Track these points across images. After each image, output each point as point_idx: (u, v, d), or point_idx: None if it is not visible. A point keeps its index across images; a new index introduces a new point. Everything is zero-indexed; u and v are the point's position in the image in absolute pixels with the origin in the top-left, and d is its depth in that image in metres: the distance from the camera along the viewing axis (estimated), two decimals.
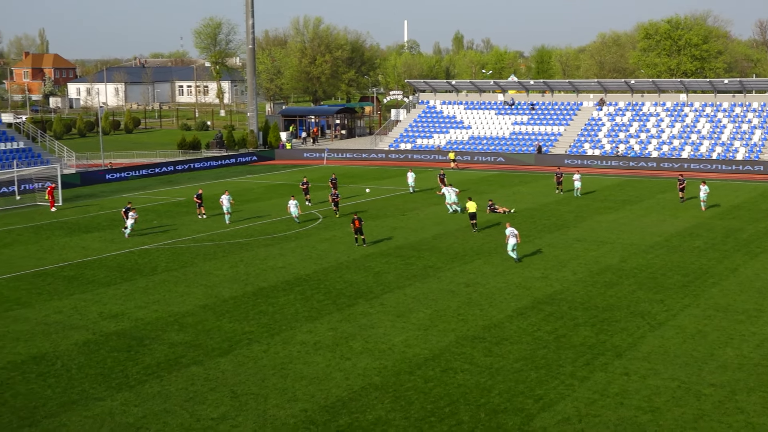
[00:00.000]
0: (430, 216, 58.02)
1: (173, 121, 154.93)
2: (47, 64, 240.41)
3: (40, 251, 48.71)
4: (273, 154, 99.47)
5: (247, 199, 66.38)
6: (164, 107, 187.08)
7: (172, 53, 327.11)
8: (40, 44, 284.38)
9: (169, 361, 29.77)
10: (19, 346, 31.71)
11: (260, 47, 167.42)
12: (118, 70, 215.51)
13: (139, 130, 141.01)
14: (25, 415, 25.39)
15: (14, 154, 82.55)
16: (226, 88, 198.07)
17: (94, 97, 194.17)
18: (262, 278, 41.47)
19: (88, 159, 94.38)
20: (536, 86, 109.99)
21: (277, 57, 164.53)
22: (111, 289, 39.78)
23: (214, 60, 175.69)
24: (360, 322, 34.02)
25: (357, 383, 27.49)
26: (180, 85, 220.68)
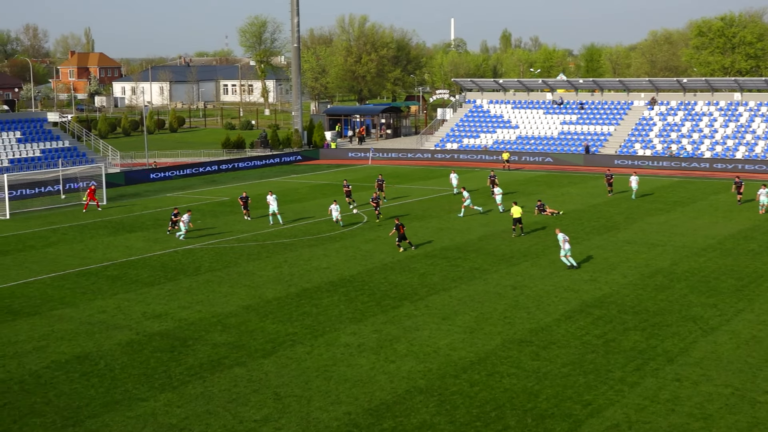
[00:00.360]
0: (476, 217, 57.80)
1: (218, 120, 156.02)
2: (93, 63, 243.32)
3: (84, 250, 49.25)
4: (317, 153, 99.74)
5: (292, 200, 66.61)
6: (209, 106, 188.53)
7: (216, 52, 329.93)
8: (85, 43, 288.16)
9: (212, 362, 29.93)
10: (63, 345, 32.07)
11: (305, 46, 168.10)
12: (163, 69, 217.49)
13: (183, 129, 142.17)
14: (69, 414, 25.66)
15: (59, 153, 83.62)
16: (270, 87, 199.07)
17: (139, 96, 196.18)
18: (306, 279, 41.56)
19: (133, 158, 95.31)
20: (585, 85, 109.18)
21: (322, 55, 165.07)
22: (155, 289, 40.11)
23: (258, 59, 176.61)
24: (404, 325, 33.96)
25: (401, 386, 27.43)
26: (225, 84, 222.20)
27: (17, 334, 33.38)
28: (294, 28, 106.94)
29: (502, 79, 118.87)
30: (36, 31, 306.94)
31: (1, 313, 36.30)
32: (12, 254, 48.43)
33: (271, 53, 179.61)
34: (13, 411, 25.95)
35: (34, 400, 26.79)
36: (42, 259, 46.94)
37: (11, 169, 77.63)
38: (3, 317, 35.73)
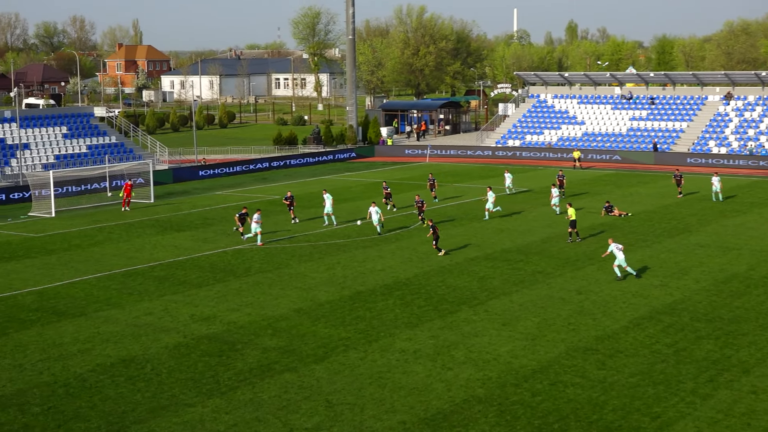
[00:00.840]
0: (538, 218, 57.49)
1: (269, 115, 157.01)
2: (141, 56, 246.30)
3: (131, 250, 49.87)
4: (372, 150, 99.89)
5: (345, 198, 66.80)
6: (260, 101, 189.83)
7: (268, 44, 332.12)
8: (133, 35, 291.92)
9: (261, 367, 30.13)
10: (108, 348, 32.50)
11: (360, 38, 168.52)
12: (212, 62, 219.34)
13: (233, 124, 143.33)
14: (114, 420, 25.99)
15: (106, 150, 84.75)
16: (324, 81, 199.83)
17: (188, 90, 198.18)
18: (359, 281, 41.66)
19: (181, 155, 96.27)
20: (656, 79, 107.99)
21: (378, 48, 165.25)
22: (203, 291, 40.47)
23: (312, 51, 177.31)
24: (463, 330, 33.88)
25: (459, 395, 27.37)
26: (276, 77, 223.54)
27: (62, 336, 33.91)
28: (349, 19, 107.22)
29: (567, 73, 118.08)
30: (83, 23, 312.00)
31: (47, 314, 36.91)
32: (57, 253, 49.22)
33: (325, 45, 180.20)
34: (58, 415, 26.36)
35: (79, 404, 27.19)
36: (88, 259, 47.63)
37: (57, 165, 78.86)
38: (48, 318, 36.32)
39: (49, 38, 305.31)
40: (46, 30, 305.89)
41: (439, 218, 56.65)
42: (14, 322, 35.82)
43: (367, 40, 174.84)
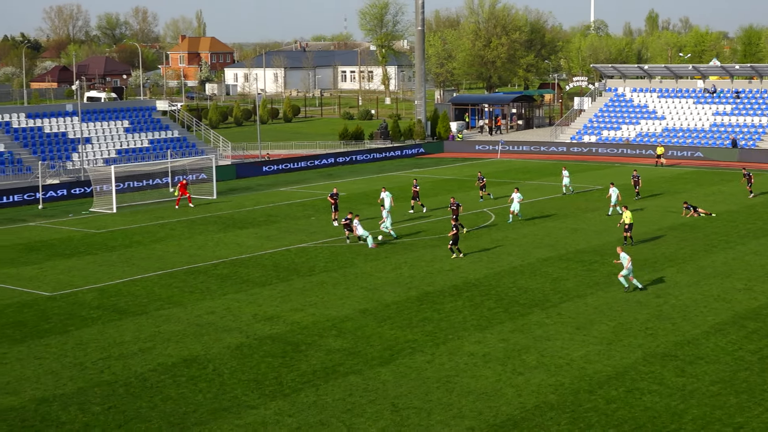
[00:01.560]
0: (615, 218, 56.97)
1: (335, 109, 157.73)
2: (204, 48, 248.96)
3: (193, 247, 50.50)
4: (441, 146, 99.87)
5: (411, 196, 66.76)
6: (325, 94, 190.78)
7: (335, 36, 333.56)
8: (197, 27, 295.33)
9: (325, 369, 30.34)
10: (170, 347, 32.98)
11: (430, 29, 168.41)
12: (277, 54, 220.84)
13: (298, 118, 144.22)
14: (175, 420, 26.39)
15: (168, 144, 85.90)
16: (392, 74, 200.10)
17: (252, 83, 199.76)
18: (427, 282, 41.72)
19: (245, 150, 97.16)
20: (742, 71, 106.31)
21: (449, 39, 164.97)
22: (266, 290, 40.85)
23: (379, 43, 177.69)
24: (535, 334, 33.77)
25: (530, 401, 27.30)
26: (343, 70, 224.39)
27: (123, 335, 34.49)
28: (418, 9, 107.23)
29: (647, 65, 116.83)
30: (146, 15, 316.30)
31: (107, 312, 37.57)
32: (119, 250, 50.03)
33: (393, 37, 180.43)
34: (118, 415, 26.83)
35: (140, 404, 27.65)
36: (149, 256, 48.34)
37: (118, 160, 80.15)
38: (109, 316, 36.97)
39: (111, 30, 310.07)
40: (109, 22, 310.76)
41: (502, 218, 56.47)
42: (75, 320, 36.53)
43: (437, 31, 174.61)
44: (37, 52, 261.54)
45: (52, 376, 30.10)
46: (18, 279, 43.59)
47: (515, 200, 55.38)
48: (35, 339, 34.14)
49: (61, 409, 27.30)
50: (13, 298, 40.12)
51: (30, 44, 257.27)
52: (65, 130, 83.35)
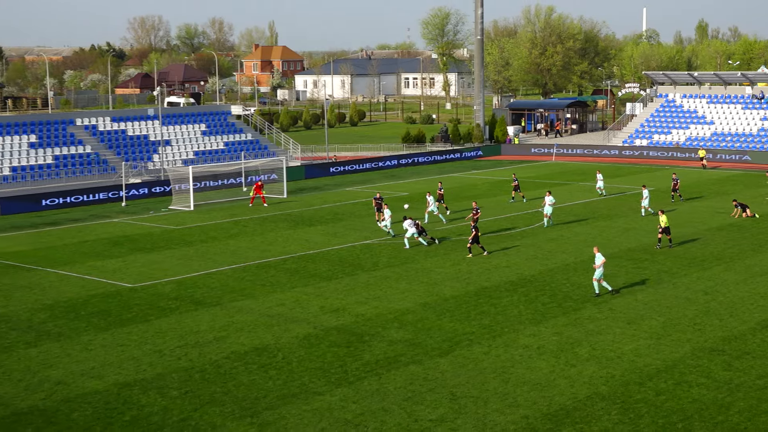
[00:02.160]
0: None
1: (398, 114, 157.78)
2: (276, 57, 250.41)
3: (264, 243, 50.83)
4: (499, 149, 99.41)
5: (471, 196, 66.62)
6: (389, 100, 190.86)
7: (398, 45, 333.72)
8: (269, 36, 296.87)
9: (388, 359, 30.36)
10: (242, 336, 33.24)
11: (489, 38, 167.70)
12: (344, 62, 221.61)
13: (363, 122, 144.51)
14: (247, 405, 26.59)
15: (242, 146, 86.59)
16: (452, 81, 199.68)
17: (321, 89, 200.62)
18: (484, 277, 41.56)
19: (313, 152, 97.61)
20: None
21: (506, 48, 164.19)
22: (332, 284, 40.99)
23: (441, 51, 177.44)
24: (587, 328, 33.49)
25: (582, 392, 27.07)
26: (406, 77, 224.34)
27: (199, 324, 34.83)
28: (477, 19, 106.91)
29: (697, 72, 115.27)
30: (222, 25, 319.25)
31: (185, 303, 37.96)
32: (196, 245, 50.52)
33: (454, 45, 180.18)
34: (194, 399, 27.10)
35: (214, 389, 27.90)
36: (224, 251, 48.75)
37: (196, 161, 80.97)
38: (186, 307, 37.35)
39: (189, 39, 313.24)
40: (188, 32, 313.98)
41: (563, 217, 56.04)
42: (155, 310, 36.96)
43: (495, 40, 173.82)
44: (121, 60, 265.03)
45: (133, 362, 30.49)
46: (103, 271, 44.24)
47: (547, 203, 53.46)
48: (118, 327, 34.62)
49: (142, 393, 27.65)
50: (98, 288, 40.73)
51: (115, 53, 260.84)
52: (147, 133, 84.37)
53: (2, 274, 43.86)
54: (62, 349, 32.01)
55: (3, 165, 72.58)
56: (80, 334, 33.77)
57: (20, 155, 74.58)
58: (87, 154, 77.78)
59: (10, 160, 73.56)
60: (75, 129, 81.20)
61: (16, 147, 75.30)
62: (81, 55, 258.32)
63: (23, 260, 47.07)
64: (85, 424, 25.46)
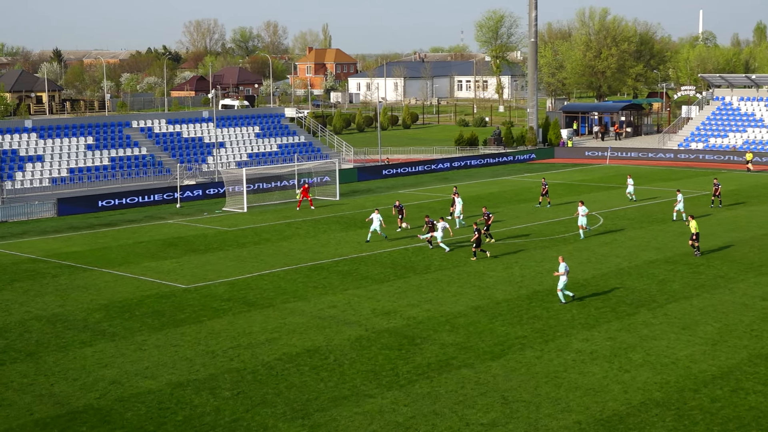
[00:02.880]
0: (722, 221, 55.51)
1: (451, 116, 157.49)
2: (329, 59, 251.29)
3: (317, 245, 50.96)
4: (552, 152, 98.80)
5: (524, 199, 66.30)
6: (442, 102, 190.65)
7: (452, 47, 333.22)
8: (323, 39, 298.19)
9: (439, 362, 30.25)
10: (294, 338, 33.32)
11: (542, 40, 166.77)
12: (397, 65, 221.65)
13: (416, 125, 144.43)
14: (298, 407, 26.63)
15: (295, 149, 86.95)
16: (505, 83, 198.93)
17: (374, 92, 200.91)
18: (537, 281, 41.28)
19: (366, 154, 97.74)
20: None
21: (560, 50, 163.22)
22: (384, 286, 40.96)
23: (494, 54, 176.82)
24: (641, 333, 33.10)
25: (636, 398, 26.75)
26: (459, 80, 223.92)
27: (251, 325, 34.99)
28: (531, 22, 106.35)
29: (754, 75, 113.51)
30: (276, 28, 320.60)
31: (238, 304, 38.16)
32: (248, 247, 50.79)
33: (507, 48, 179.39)
34: (246, 400, 27.21)
35: (266, 390, 27.99)
36: (276, 253, 48.95)
37: (249, 163, 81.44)
38: (239, 308, 37.55)
39: (244, 42, 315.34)
40: (242, 35, 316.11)
41: (616, 221, 55.48)
42: (208, 311, 37.21)
43: (549, 42, 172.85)
44: (177, 63, 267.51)
45: (186, 363, 30.71)
46: (157, 272, 44.65)
47: (580, 214, 50.94)
48: (172, 328, 34.90)
49: (194, 393, 27.82)
50: (152, 289, 41.11)
51: (171, 56, 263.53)
52: (201, 135, 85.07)
53: (59, 274, 44.47)
54: (117, 349, 32.34)
55: (60, 166, 73.62)
56: (134, 334, 34.10)
57: (77, 157, 75.60)
58: (142, 155, 78.62)
59: (68, 161, 74.58)
60: (131, 131, 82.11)
61: (73, 149, 76.34)
62: (137, 59, 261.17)
63: (80, 260, 47.69)
64: (138, 423, 25.68)
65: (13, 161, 72.11)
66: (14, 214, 62.49)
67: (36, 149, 74.73)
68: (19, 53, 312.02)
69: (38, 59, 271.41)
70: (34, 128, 77.25)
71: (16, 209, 62.84)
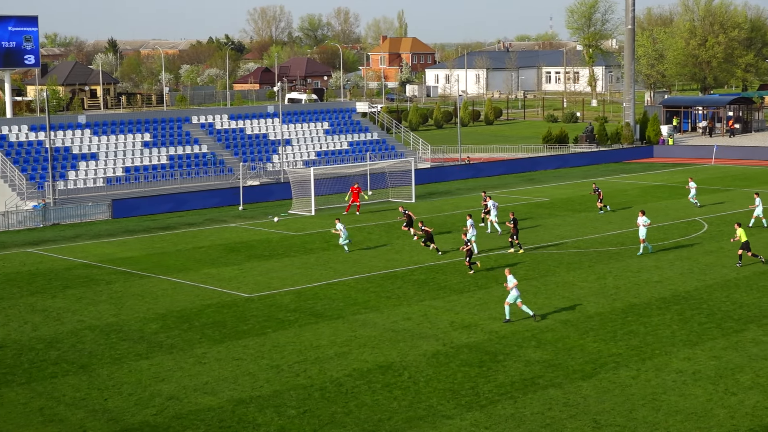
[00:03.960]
0: None
1: (538, 111, 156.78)
2: (405, 49, 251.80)
3: (390, 252, 51.11)
4: (651, 151, 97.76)
5: (620, 202, 65.71)
6: (529, 96, 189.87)
7: (539, 36, 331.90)
8: (398, 28, 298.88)
9: (524, 381, 30.16)
10: (365, 352, 33.48)
11: (641, 27, 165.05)
12: (479, 55, 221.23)
13: (500, 121, 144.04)
14: (370, 428, 26.75)
15: (367, 146, 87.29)
16: (599, 75, 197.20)
17: (453, 84, 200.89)
18: (633, 293, 40.90)
19: (444, 153, 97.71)
20: None
21: (660, 38, 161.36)
22: (464, 297, 40.94)
23: (586, 43, 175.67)
24: (750, 352, 32.61)
25: (744, 424, 26.38)
26: (547, 71, 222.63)
27: (319, 338, 35.25)
28: (629, 7, 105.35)
29: None
30: (347, 15, 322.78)
31: (305, 315, 38.48)
32: (316, 253, 51.16)
33: (601, 36, 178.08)
34: (313, 419, 27.43)
35: (335, 409, 28.18)
36: (346, 259, 49.22)
37: (318, 162, 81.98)
38: (306, 319, 37.85)
39: (312, 31, 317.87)
40: (311, 23, 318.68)
41: (723, 227, 54.68)
42: (272, 322, 37.58)
43: (648, 29, 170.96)
44: (240, 53, 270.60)
45: (249, 378, 31.06)
46: (218, 279, 45.23)
47: (641, 225, 48.41)
48: (234, 340, 35.32)
49: (258, 411, 28.13)
50: (213, 298, 41.65)
51: (234, 46, 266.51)
52: (266, 132, 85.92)
53: (114, 281, 45.30)
54: (175, 362, 32.84)
55: (116, 165, 74.94)
56: (194, 347, 34.60)
57: (134, 155, 76.88)
58: (203, 153, 79.67)
59: (123, 160, 75.84)
60: (191, 127, 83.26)
61: (129, 146, 77.65)
62: (198, 49, 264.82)
63: (135, 266, 48.52)
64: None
65: (65, 159, 73.65)
66: (67, 216, 63.89)
67: (90, 146, 76.24)
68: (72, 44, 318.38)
69: (92, 50, 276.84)
70: (88, 124, 78.82)
71: (68, 211, 64.24)
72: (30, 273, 47.55)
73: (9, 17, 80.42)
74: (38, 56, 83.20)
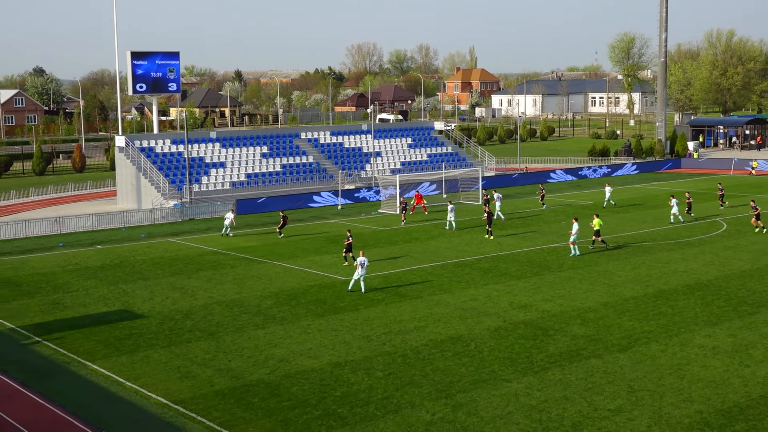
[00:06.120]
0: None
1: (584, 130, 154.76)
2: (475, 78, 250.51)
3: (461, 244, 50.92)
4: (679, 162, 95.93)
5: (653, 205, 64.59)
6: (577, 117, 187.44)
7: (586, 67, 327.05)
8: (469, 60, 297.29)
9: (570, 352, 29.83)
10: (439, 327, 33.42)
11: (672, 59, 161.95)
12: (536, 82, 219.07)
13: (552, 138, 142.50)
14: (442, 387, 26.71)
15: (443, 158, 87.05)
16: (636, 99, 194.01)
17: (514, 107, 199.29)
18: (663, 281, 40.17)
19: (506, 163, 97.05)
20: None
21: (688, 69, 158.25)
22: (521, 282, 40.62)
23: (626, 72, 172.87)
24: (761, 331, 31.81)
25: (756, 391, 25.74)
26: (592, 96, 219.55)
27: (402, 314, 35.27)
28: (662, 43, 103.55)
29: None
30: (428, 51, 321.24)
31: (390, 295, 38.52)
32: (400, 245, 51.17)
33: (638, 67, 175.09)
34: (396, 380, 27.46)
35: (414, 372, 28.17)
36: (425, 250, 49.14)
37: (402, 170, 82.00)
38: (392, 299, 37.89)
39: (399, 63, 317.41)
40: (398, 57, 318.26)
41: (739, 227, 53.40)
42: (364, 301, 37.69)
43: (678, 61, 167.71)
44: (340, 81, 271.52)
45: (344, 345, 31.20)
46: (320, 265, 45.49)
47: (674, 204, 54.85)
48: (332, 314, 35.51)
49: (351, 372, 28.25)
50: (316, 280, 41.92)
51: (335, 75, 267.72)
52: (361, 146, 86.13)
53: (237, 265, 45.85)
54: (285, 332, 33.13)
55: (240, 172, 75.84)
56: (300, 319, 34.86)
57: (254, 164, 77.70)
58: (309, 163, 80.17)
59: (245, 168, 76.75)
60: (300, 141, 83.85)
61: (251, 157, 78.52)
62: (306, 78, 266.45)
63: (254, 254, 49.05)
64: (302, 396, 26.26)
65: (200, 167, 74.74)
66: (200, 213, 64.84)
67: (219, 157, 77.24)
68: (206, 74, 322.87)
69: (222, 79, 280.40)
70: (218, 139, 79.86)
71: (201, 208, 65.19)
72: (171, 258, 48.37)
73: (156, 53, 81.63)
74: (179, 84, 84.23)
